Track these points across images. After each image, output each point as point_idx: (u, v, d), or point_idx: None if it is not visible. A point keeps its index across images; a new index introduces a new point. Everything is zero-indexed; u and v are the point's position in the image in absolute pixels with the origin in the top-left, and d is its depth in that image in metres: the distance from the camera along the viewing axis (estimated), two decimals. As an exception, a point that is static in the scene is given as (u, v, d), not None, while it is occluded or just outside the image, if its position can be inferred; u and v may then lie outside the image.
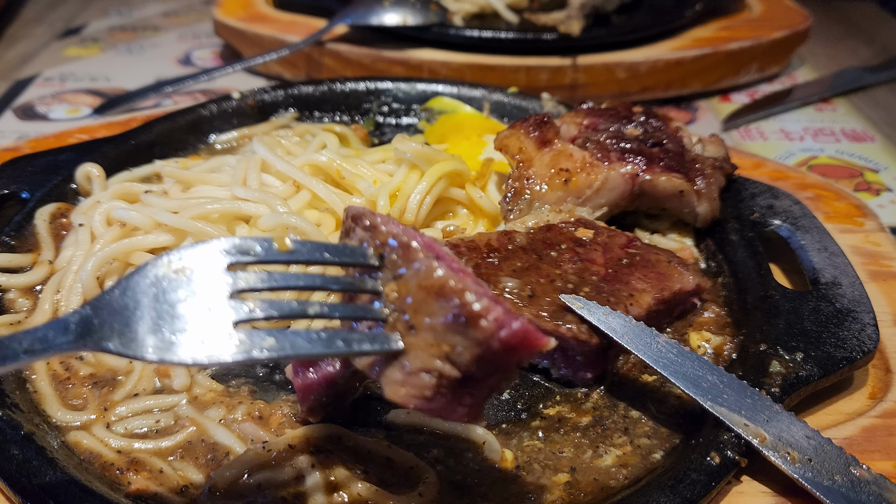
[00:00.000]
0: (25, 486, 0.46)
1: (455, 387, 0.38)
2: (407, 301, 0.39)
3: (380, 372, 0.40)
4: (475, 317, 0.37)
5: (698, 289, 0.62)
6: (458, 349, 0.37)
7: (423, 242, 0.40)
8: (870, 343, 0.56)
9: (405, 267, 0.40)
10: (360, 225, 0.42)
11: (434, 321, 0.38)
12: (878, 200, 0.91)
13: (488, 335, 0.37)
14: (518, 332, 0.37)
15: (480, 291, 0.38)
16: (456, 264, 0.41)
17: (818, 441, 0.48)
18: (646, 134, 0.74)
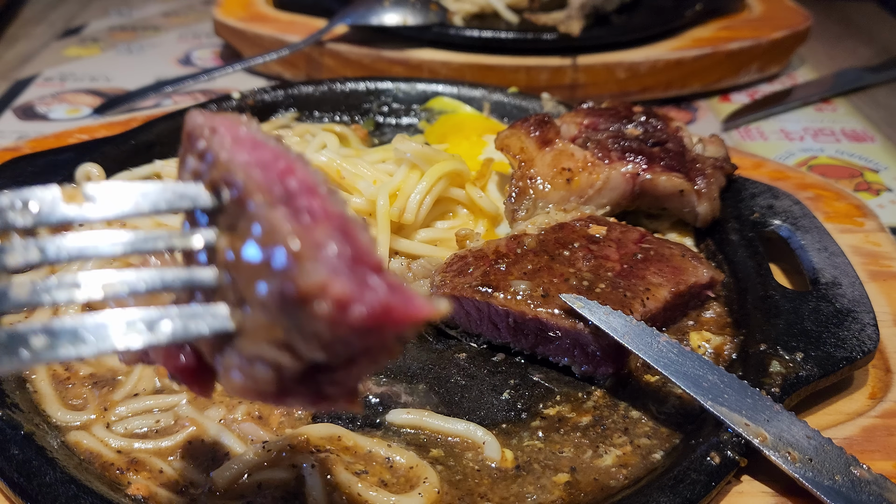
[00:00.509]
0: (25, 486, 0.46)
1: (304, 378, 0.28)
2: (237, 265, 0.28)
3: (218, 359, 0.29)
4: (305, 297, 0.25)
5: (712, 281, 0.63)
6: (293, 336, 0.26)
7: (265, 177, 0.28)
8: (870, 343, 0.56)
9: (239, 214, 0.28)
10: (194, 150, 0.30)
11: (262, 295, 0.26)
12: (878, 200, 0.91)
13: (329, 321, 0.25)
14: (376, 310, 0.25)
15: (325, 255, 0.25)
16: (314, 210, 0.27)
17: (818, 441, 0.48)
18: (646, 134, 0.74)
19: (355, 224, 0.28)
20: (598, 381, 0.58)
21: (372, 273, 0.26)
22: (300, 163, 0.30)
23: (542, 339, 0.58)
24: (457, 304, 0.61)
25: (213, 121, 0.31)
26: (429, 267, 0.65)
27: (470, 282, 0.60)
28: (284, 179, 0.28)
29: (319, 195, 0.29)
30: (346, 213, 0.29)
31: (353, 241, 0.27)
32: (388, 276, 0.27)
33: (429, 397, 0.57)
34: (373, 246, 0.28)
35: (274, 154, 0.30)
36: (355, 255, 0.27)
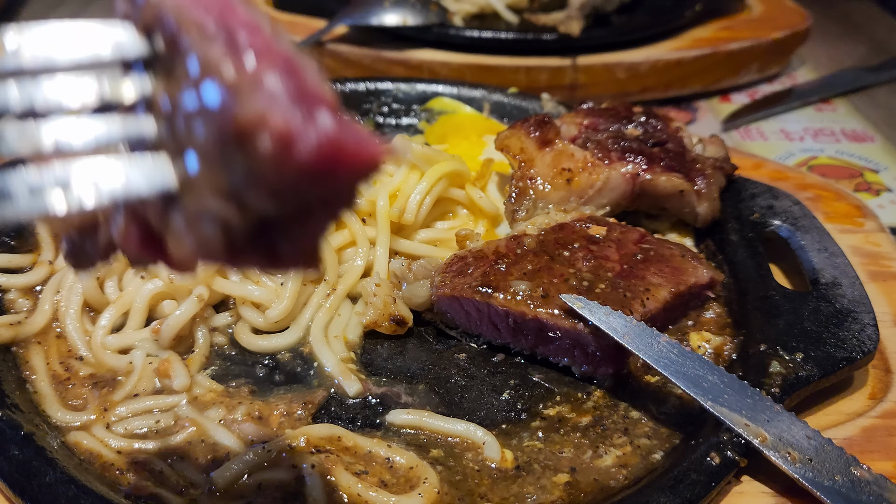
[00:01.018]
0: (25, 486, 0.46)
1: (256, 236, 0.25)
2: (175, 112, 0.24)
3: (161, 218, 0.26)
4: (243, 133, 0.22)
5: (712, 282, 0.63)
6: (238, 184, 0.23)
7: (200, 14, 0.24)
8: (870, 343, 0.56)
9: (175, 56, 0.24)
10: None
11: (201, 139, 0.23)
12: (878, 201, 0.91)
13: (273, 160, 0.22)
14: (324, 147, 0.21)
15: (266, 92, 0.22)
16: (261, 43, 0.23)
17: (818, 441, 0.48)
18: (646, 134, 0.74)
19: (303, 62, 0.24)
20: (598, 381, 0.58)
21: (320, 107, 0.23)
22: (241, 2, 0.26)
23: (542, 339, 0.58)
24: (457, 304, 0.61)
25: None
26: (429, 267, 0.65)
27: (470, 282, 0.60)
28: (223, 17, 0.25)
29: (262, 33, 0.25)
30: (293, 52, 0.25)
31: (298, 75, 0.23)
32: (338, 112, 0.23)
33: (429, 398, 0.57)
34: (323, 83, 0.24)
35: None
36: (301, 89, 0.23)
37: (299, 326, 0.62)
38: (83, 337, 0.60)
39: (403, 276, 0.65)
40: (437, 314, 0.64)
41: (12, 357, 0.59)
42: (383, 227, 0.68)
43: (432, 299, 0.63)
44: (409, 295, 0.64)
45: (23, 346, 0.60)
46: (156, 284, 0.62)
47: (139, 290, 0.62)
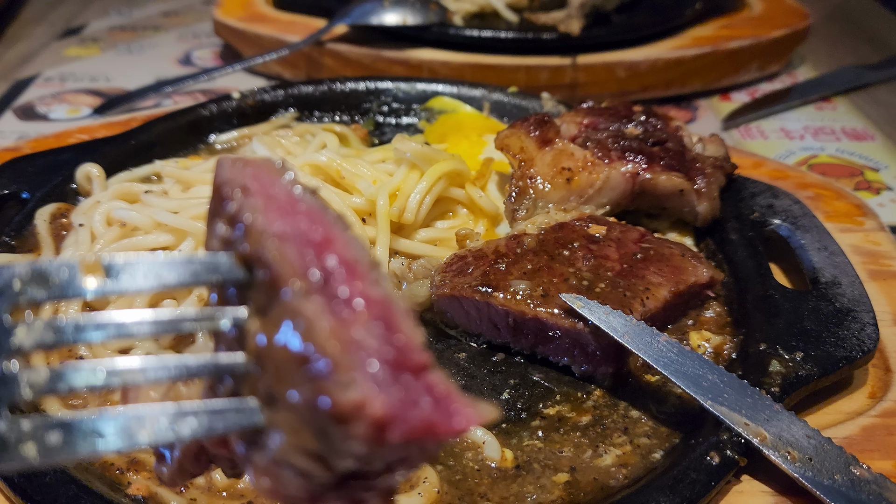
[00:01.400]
0: (25, 486, 0.46)
1: (337, 485, 0.25)
2: (267, 354, 0.25)
3: (244, 452, 0.27)
4: (340, 416, 0.23)
5: (712, 281, 0.63)
6: (324, 450, 0.24)
7: (302, 262, 0.25)
8: (869, 342, 0.56)
9: (272, 298, 0.26)
10: (224, 213, 0.28)
11: (293, 400, 0.24)
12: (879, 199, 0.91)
13: (364, 441, 0.23)
14: (418, 429, 0.23)
15: (363, 364, 0.23)
16: (353, 297, 0.25)
17: (818, 440, 0.47)
18: (646, 133, 0.74)
19: (397, 311, 0.26)
20: (598, 380, 0.58)
21: (415, 379, 0.24)
22: (339, 229, 0.27)
23: (542, 338, 0.58)
24: (456, 303, 0.61)
25: (245, 176, 0.28)
26: (429, 267, 0.65)
27: (470, 282, 0.60)
28: (322, 256, 0.26)
29: (359, 275, 0.26)
30: (388, 297, 0.26)
31: (394, 336, 0.25)
32: (431, 378, 0.24)
33: (429, 397, 0.57)
34: (416, 338, 0.25)
35: (310, 219, 0.27)
36: (398, 358, 0.24)
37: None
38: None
39: (403, 276, 0.65)
40: (436, 314, 0.64)
41: (13, 357, 0.59)
42: (383, 227, 0.68)
43: (432, 299, 0.63)
44: (409, 294, 0.64)
45: (23, 346, 0.60)
46: (156, 284, 0.62)
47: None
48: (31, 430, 0.24)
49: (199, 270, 0.28)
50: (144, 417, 0.25)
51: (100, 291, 0.26)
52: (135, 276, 0.27)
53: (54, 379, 0.25)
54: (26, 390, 0.25)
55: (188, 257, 0.28)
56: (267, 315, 0.26)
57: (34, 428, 0.24)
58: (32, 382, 0.25)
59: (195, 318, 0.27)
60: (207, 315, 0.27)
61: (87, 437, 0.25)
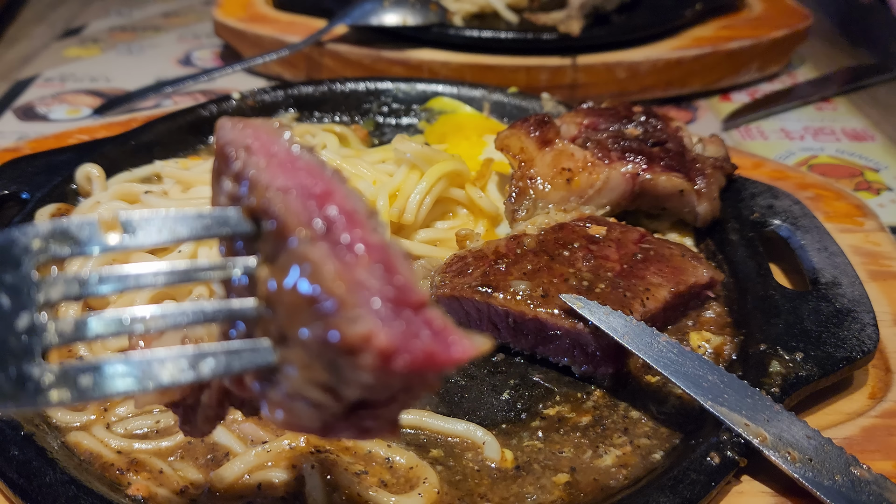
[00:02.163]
0: (25, 486, 0.46)
1: (346, 414, 0.28)
2: (278, 298, 0.28)
3: (259, 388, 0.29)
4: (349, 348, 0.25)
5: (712, 281, 0.63)
6: (334, 381, 0.27)
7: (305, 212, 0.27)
8: (870, 343, 0.56)
9: (279, 246, 0.28)
10: (230, 171, 0.30)
11: (304, 337, 0.27)
12: (879, 200, 0.91)
13: (371, 370, 0.25)
14: (420, 358, 0.25)
15: (367, 301, 0.25)
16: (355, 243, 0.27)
17: (818, 441, 0.47)
18: (646, 134, 0.74)
19: (395, 254, 0.28)
20: (598, 381, 0.58)
21: (415, 315, 0.27)
22: (337, 182, 0.30)
23: (542, 339, 0.58)
24: (456, 304, 0.61)
25: (246, 136, 0.31)
26: (429, 267, 0.65)
27: (470, 282, 0.60)
28: (324, 207, 0.28)
29: (359, 223, 0.29)
30: (386, 242, 0.29)
31: (394, 276, 0.27)
32: (429, 314, 0.27)
33: (428, 397, 0.57)
34: (414, 279, 0.28)
35: (310, 174, 0.30)
36: (398, 296, 0.27)
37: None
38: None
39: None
40: (436, 314, 0.64)
41: (13, 357, 0.59)
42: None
43: (432, 299, 0.63)
44: (409, 295, 0.63)
45: (23, 347, 0.60)
46: (156, 285, 0.62)
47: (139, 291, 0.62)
48: (62, 374, 0.26)
49: (210, 224, 0.29)
50: (167, 359, 0.27)
51: (119, 246, 0.28)
52: (150, 231, 0.29)
53: (80, 326, 0.27)
54: (55, 338, 0.27)
55: (199, 212, 0.29)
56: (275, 262, 0.28)
57: (65, 372, 0.26)
58: (61, 331, 0.27)
59: (209, 268, 0.29)
60: (220, 265, 0.29)
61: (115, 378, 0.27)
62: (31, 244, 0.27)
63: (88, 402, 0.27)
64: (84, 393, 0.26)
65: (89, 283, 0.27)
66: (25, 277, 0.26)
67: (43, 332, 0.26)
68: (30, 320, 0.26)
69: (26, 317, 0.26)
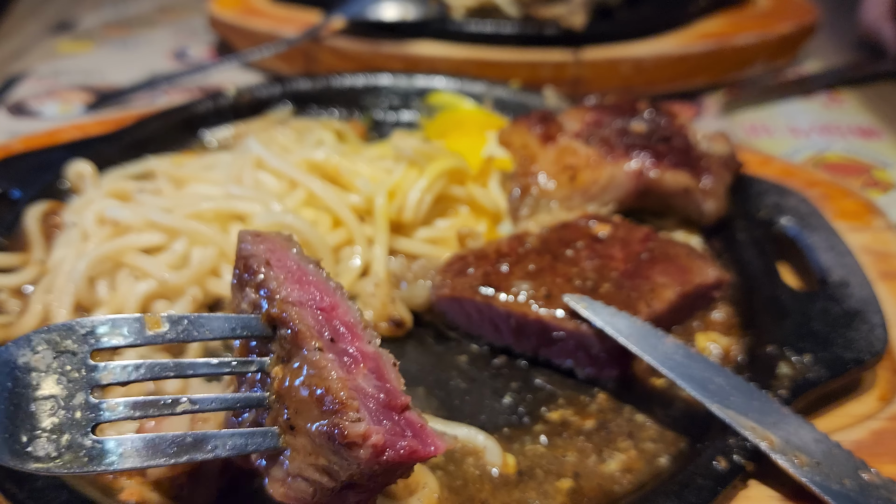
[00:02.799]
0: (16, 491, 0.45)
1: (337, 492, 0.37)
2: (289, 394, 0.37)
3: (265, 465, 0.38)
4: (350, 444, 0.34)
5: (719, 282, 0.62)
6: (334, 466, 0.35)
7: (316, 324, 0.38)
8: (879, 344, 0.55)
9: (293, 351, 0.37)
10: (252, 282, 0.40)
11: (311, 429, 0.35)
12: (887, 198, 0.89)
13: (365, 461, 0.34)
14: (404, 454, 0.35)
15: (365, 405, 0.35)
16: (355, 353, 0.37)
17: (827, 444, 0.47)
18: (651, 130, 0.73)
19: (386, 362, 0.38)
20: (603, 384, 0.57)
21: (400, 416, 0.36)
22: (340, 297, 0.41)
23: (545, 341, 0.57)
24: (457, 305, 0.60)
25: (265, 252, 0.41)
26: (429, 267, 0.64)
27: (470, 282, 0.59)
28: (331, 321, 0.38)
29: (358, 335, 0.39)
30: (378, 352, 0.39)
31: (384, 382, 0.37)
32: (411, 416, 0.37)
33: (429, 401, 0.56)
34: (399, 383, 0.38)
35: (319, 288, 0.40)
36: (387, 400, 0.36)
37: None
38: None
39: (402, 276, 0.64)
40: (436, 315, 0.63)
41: (3, 359, 0.58)
42: (382, 226, 0.67)
43: (432, 300, 0.62)
44: (409, 295, 0.62)
45: (14, 349, 0.59)
46: (149, 285, 0.61)
47: (131, 291, 0.61)
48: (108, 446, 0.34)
49: (236, 327, 0.39)
50: (197, 439, 0.36)
51: (160, 339, 0.37)
52: (188, 331, 0.38)
53: (128, 408, 0.36)
54: (105, 415, 0.35)
55: (227, 317, 0.39)
56: (289, 364, 0.37)
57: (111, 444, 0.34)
58: (111, 409, 0.35)
59: (235, 365, 0.39)
60: (242, 362, 0.39)
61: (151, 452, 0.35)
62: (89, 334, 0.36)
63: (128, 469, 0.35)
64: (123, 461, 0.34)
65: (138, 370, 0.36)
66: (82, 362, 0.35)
67: (96, 410, 0.34)
68: (84, 399, 0.34)
69: (81, 396, 0.34)
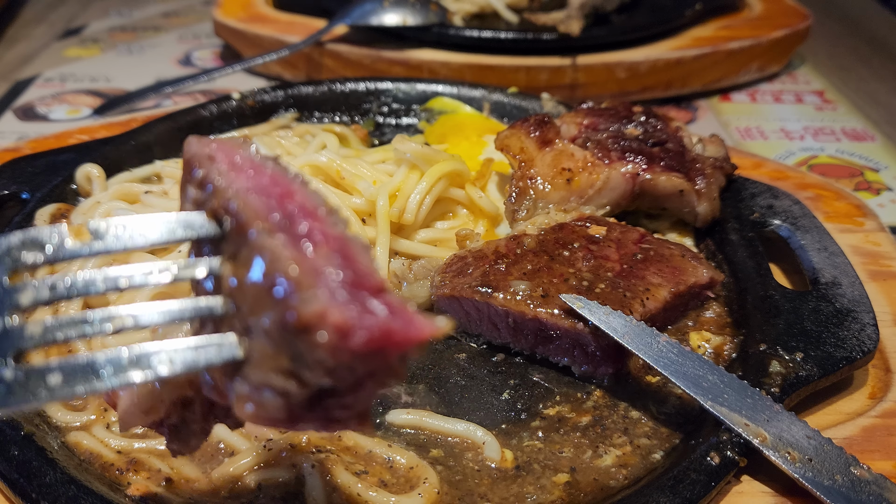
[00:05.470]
0: (25, 486, 0.46)
1: (313, 404, 0.28)
2: (240, 292, 0.28)
3: (231, 384, 0.29)
4: (306, 326, 0.25)
5: (712, 281, 0.63)
6: (299, 366, 0.27)
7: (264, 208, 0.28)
8: (870, 343, 0.56)
9: (240, 242, 0.28)
10: (194, 179, 0.31)
11: (267, 325, 0.27)
12: (879, 200, 0.91)
13: (330, 348, 0.25)
14: (376, 335, 0.25)
15: (325, 284, 0.25)
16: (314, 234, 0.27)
17: (818, 441, 0.47)
18: (646, 134, 0.74)
19: (355, 245, 0.29)
20: (598, 381, 0.58)
21: (372, 296, 0.27)
22: (298, 184, 0.31)
23: (542, 339, 0.58)
24: (456, 304, 0.61)
25: (210, 148, 0.32)
26: (429, 267, 0.65)
27: (470, 282, 0.60)
28: (283, 203, 0.29)
29: (318, 217, 0.29)
30: (346, 235, 0.29)
31: (352, 263, 0.28)
32: (388, 297, 0.27)
33: (429, 397, 0.57)
34: (373, 267, 0.28)
35: (272, 177, 0.30)
36: (355, 279, 0.27)
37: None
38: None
39: (403, 276, 0.65)
40: (436, 314, 0.64)
41: (13, 357, 0.59)
42: (383, 227, 0.68)
43: (432, 299, 0.63)
44: (409, 295, 0.63)
45: (23, 347, 0.60)
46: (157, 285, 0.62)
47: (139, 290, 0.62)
48: (33, 375, 0.27)
49: (176, 227, 0.30)
50: (136, 356, 0.28)
51: (88, 252, 0.29)
52: (118, 237, 0.30)
53: (52, 329, 0.28)
54: (27, 341, 0.28)
55: (165, 216, 0.30)
56: (237, 259, 0.29)
57: (35, 372, 0.27)
58: (32, 334, 0.28)
59: (178, 271, 0.30)
60: (187, 265, 0.30)
61: (83, 376, 0.27)
62: (4, 253, 0.28)
63: (56, 401, 0.28)
64: (53, 392, 0.27)
65: (57, 287, 0.29)
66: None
67: (14, 336, 0.27)
68: (1, 325, 0.27)
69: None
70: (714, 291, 0.65)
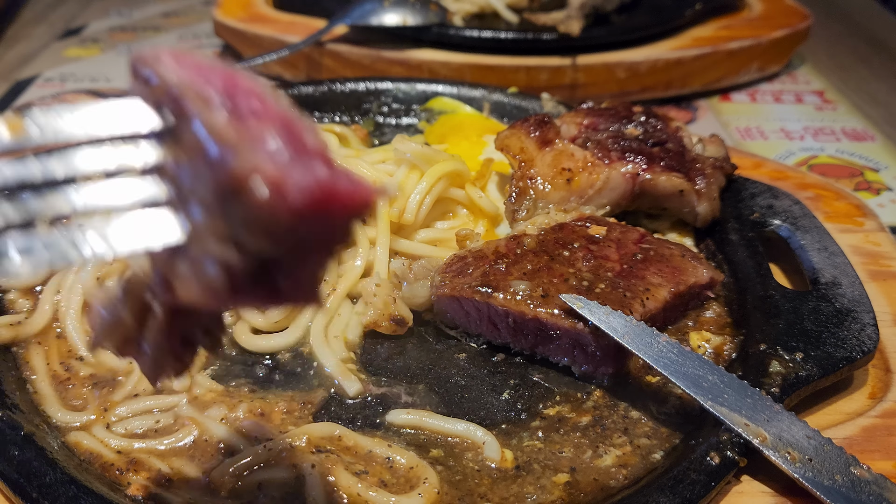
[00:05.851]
0: (25, 486, 0.46)
1: (258, 276, 0.26)
2: (182, 171, 0.27)
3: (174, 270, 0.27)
4: (239, 182, 0.24)
5: (712, 281, 0.63)
6: (236, 232, 0.25)
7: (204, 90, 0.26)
8: (870, 343, 0.56)
9: (181, 126, 0.27)
10: (139, 78, 0.29)
11: (202, 192, 0.26)
12: (879, 200, 0.91)
13: (268, 206, 0.23)
14: (316, 191, 0.23)
15: (262, 147, 0.24)
16: (261, 109, 0.26)
17: (818, 441, 0.48)
18: (646, 134, 0.74)
19: (301, 121, 0.27)
20: (598, 381, 0.58)
21: (314, 158, 0.25)
22: (245, 74, 0.29)
23: (542, 339, 0.58)
24: (456, 304, 0.61)
25: (157, 50, 0.30)
26: (429, 267, 0.65)
27: (470, 282, 0.60)
28: (227, 87, 0.27)
29: (262, 98, 0.27)
30: (292, 112, 0.27)
31: (297, 134, 0.25)
32: (331, 161, 0.25)
33: (429, 397, 0.57)
34: (320, 140, 0.26)
35: (217, 69, 0.28)
36: (296, 144, 0.25)
37: (299, 326, 0.62)
38: (83, 337, 0.60)
39: (403, 276, 0.65)
40: (436, 314, 0.64)
41: (12, 357, 0.59)
42: (383, 227, 0.68)
43: (432, 299, 0.63)
44: (409, 295, 0.64)
45: (23, 347, 0.60)
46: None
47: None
48: None
49: (116, 117, 0.28)
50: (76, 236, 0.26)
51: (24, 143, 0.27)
52: (57, 129, 0.28)
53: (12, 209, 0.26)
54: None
55: (104, 105, 0.28)
56: (179, 143, 0.27)
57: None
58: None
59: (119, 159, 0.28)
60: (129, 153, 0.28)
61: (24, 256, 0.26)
62: None
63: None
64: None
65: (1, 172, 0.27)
66: None
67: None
68: None
69: None
70: (714, 291, 0.65)
